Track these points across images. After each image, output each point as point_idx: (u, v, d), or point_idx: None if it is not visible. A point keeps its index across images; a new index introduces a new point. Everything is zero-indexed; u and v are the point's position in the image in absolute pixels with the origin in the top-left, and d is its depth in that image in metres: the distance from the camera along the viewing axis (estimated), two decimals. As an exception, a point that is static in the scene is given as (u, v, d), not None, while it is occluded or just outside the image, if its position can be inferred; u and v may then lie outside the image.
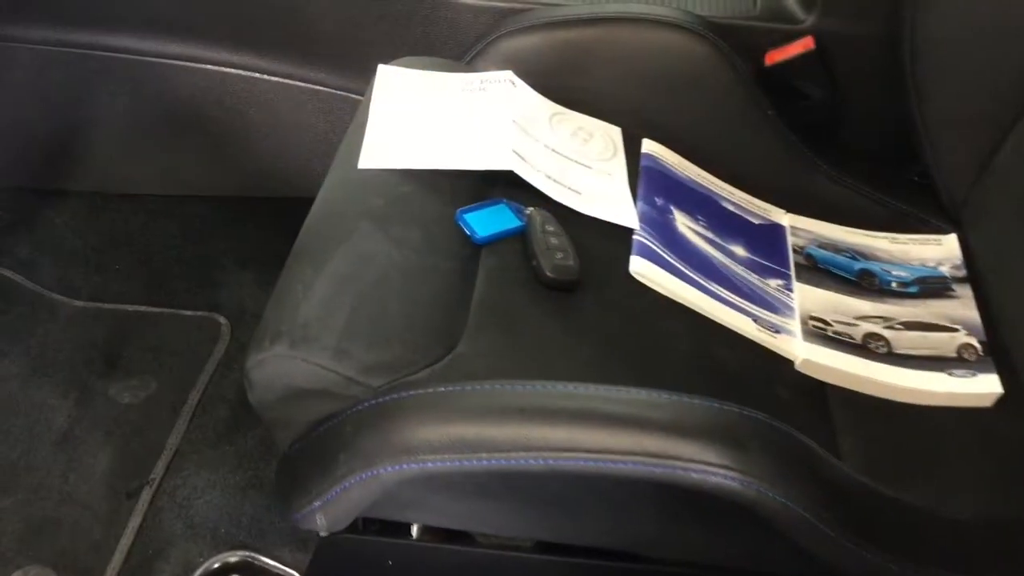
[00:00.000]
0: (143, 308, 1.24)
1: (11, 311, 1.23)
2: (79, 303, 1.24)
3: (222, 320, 1.23)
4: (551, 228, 0.84)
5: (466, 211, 0.84)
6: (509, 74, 1.02)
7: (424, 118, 0.95)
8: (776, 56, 1.07)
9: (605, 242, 0.88)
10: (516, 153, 0.90)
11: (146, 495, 1.02)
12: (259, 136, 1.24)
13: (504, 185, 0.89)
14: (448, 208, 0.84)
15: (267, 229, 1.31)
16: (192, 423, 1.09)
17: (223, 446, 1.06)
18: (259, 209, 1.32)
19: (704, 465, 0.58)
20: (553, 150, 0.96)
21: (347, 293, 0.73)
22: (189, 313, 1.24)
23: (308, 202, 1.27)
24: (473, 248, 0.83)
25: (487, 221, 0.84)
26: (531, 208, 0.86)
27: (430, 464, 0.59)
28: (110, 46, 1.15)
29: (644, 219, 0.91)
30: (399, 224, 0.81)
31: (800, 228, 1.02)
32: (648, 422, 0.60)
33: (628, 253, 0.87)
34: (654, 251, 0.88)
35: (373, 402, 0.65)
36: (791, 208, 1.04)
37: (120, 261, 1.28)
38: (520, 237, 0.84)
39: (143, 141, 1.25)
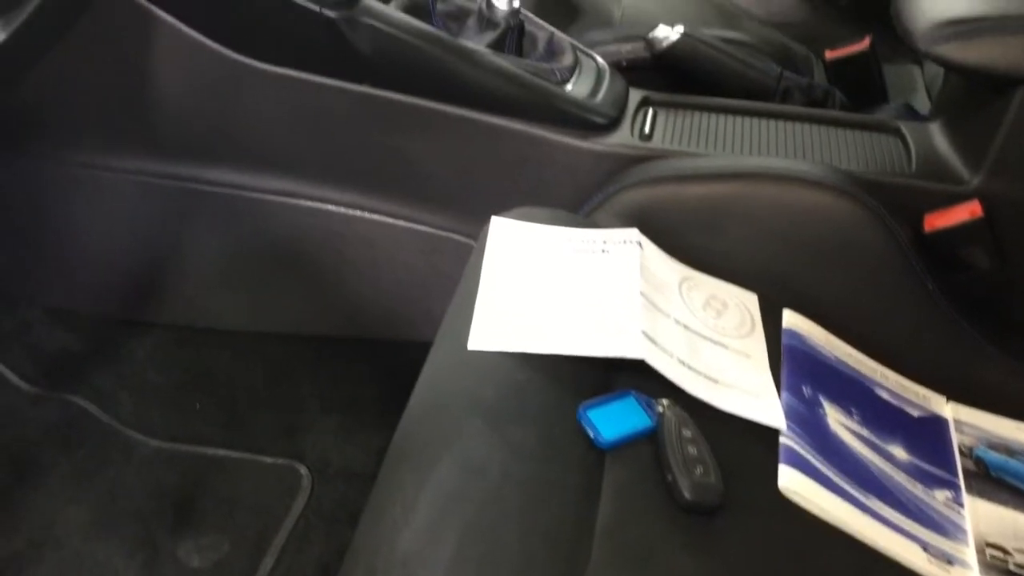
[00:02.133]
0: (221, 452, 1.15)
1: (84, 446, 1.15)
2: (155, 443, 1.16)
3: (303, 471, 1.13)
4: (688, 433, 0.72)
5: (590, 407, 0.73)
6: (635, 233, 0.92)
7: (542, 288, 0.85)
8: (937, 221, 0.95)
9: (748, 445, 0.76)
10: (646, 336, 0.79)
11: None
12: (355, 275, 1.16)
13: (631, 371, 0.78)
14: (569, 401, 0.73)
15: (357, 372, 1.22)
16: (264, 605, 0.99)
17: (297, 643, 0.96)
18: (350, 350, 1.23)
19: None
20: (685, 326, 0.85)
21: (455, 518, 0.62)
22: (269, 460, 1.15)
23: (403, 345, 1.20)
24: (598, 453, 0.71)
25: (613, 420, 0.73)
26: (663, 402, 0.75)
27: None
28: (208, 179, 1.09)
29: (791, 416, 0.79)
30: (514, 423, 0.70)
31: (965, 422, 0.88)
32: None
33: (775, 460, 0.75)
34: (805, 460, 0.75)
35: None
36: (953, 396, 0.90)
37: (201, 399, 1.20)
38: (651, 438, 0.73)
39: (234, 276, 1.18)
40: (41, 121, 1.07)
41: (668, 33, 1.19)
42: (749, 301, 0.92)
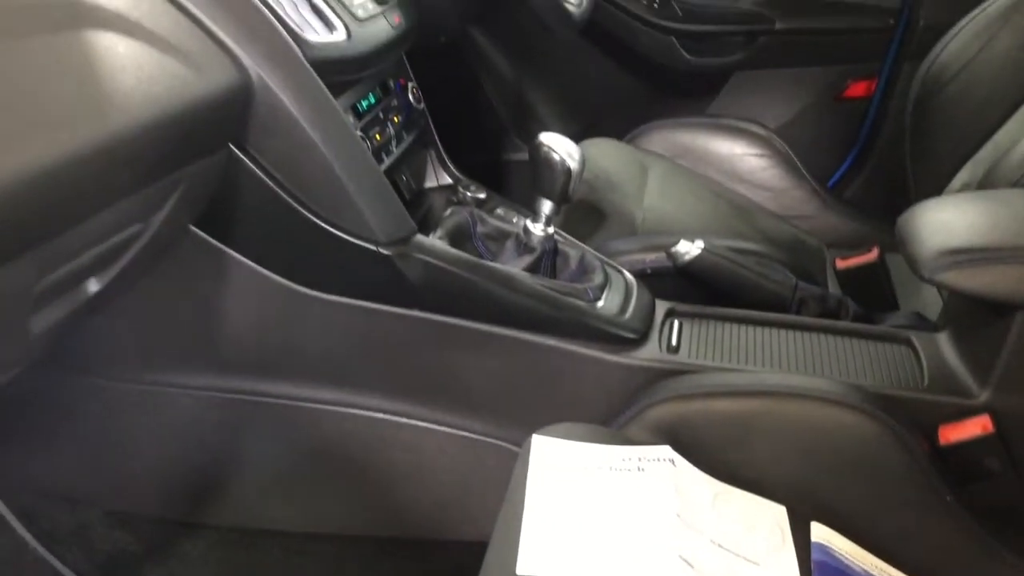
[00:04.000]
0: (269, 654, 1.19)
1: (136, 646, 1.20)
2: (205, 643, 1.20)
3: (348, 674, 1.17)
4: (728, 662, 0.76)
5: (634, 636, 0.78)
6: (667, 450, 0.98)
7: (583, 510, 0.91)
8: (951, 435, 1.01)
9: (784, 668, 0.80)
10: (683, 560, 0.84)
11: None
12: (401, 478, 1.23)
13: (671, 594, 0.83)
14: (614, 629, 0.78)
15: (404, 571, 1.27)
16: None
17: None
18: (395, 550, 1.28)
19: None
20: (719, 545, 0.90)
21: None
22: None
23: (448, 545, 1.25)
24: None
25: (657, 648, 0.78)
26: (703, 628, 0.80)
27: None
28: (266, 392, 1.18)
29: (824, 637, 0.83)
30: (563, 655, 0.75)
31: (991, 633, 0.92)
32: None
33: None
34: None
35: None
36: (979, 605, 0.95)
37: (251, 599, 1.25)
38: (692, 665, 0.77)
39: (287, 480, 1.25)
40: (113, 345, 1.16)
41: (689, 248, 1.29)
42: (779, 514, 0.97)
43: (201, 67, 0.86)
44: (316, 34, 0.99)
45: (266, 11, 0.93)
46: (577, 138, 1.84)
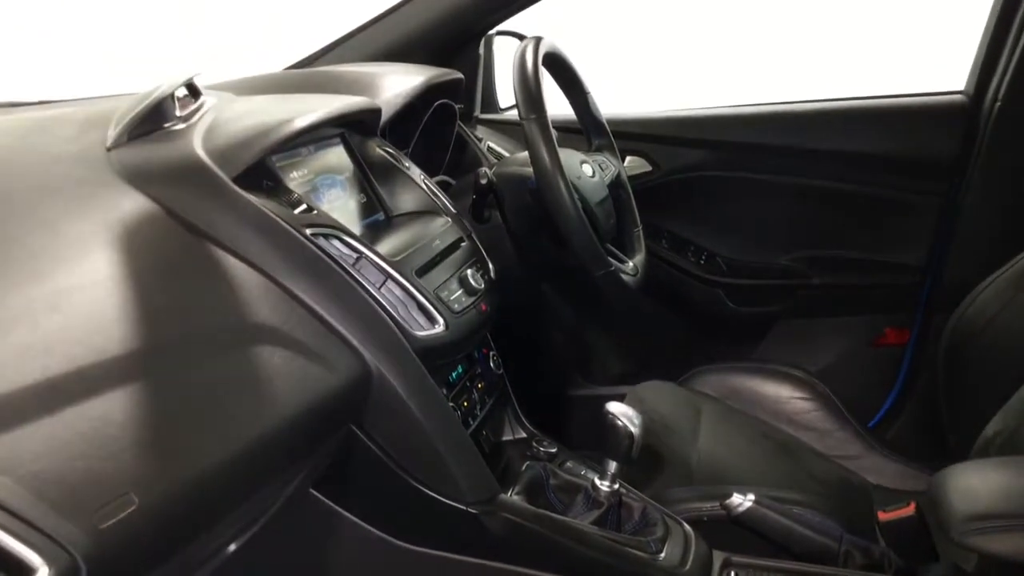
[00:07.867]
0: None
1: None
2: None
3: None
4: None
5: None
6: None
7: None
8: None
9: None
10: None
11: None
12: None
13: None
14: None
15: None
16: None
17: None
18: None
19: None
20: None
21: None
22: None
23: None
24: None
25: None
26: None
27: None
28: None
29: None
30: None
31: None
32: None
33: None
34: None
35: None
36: None
37: None
38: None
39: None
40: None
41: (741, 500, 1.42)
42: None
43: (334, 365, 1.06)
44: (421, 328, 1.19)
45: (384, 315, 1.14)
46: (633, 376, 2.01)
